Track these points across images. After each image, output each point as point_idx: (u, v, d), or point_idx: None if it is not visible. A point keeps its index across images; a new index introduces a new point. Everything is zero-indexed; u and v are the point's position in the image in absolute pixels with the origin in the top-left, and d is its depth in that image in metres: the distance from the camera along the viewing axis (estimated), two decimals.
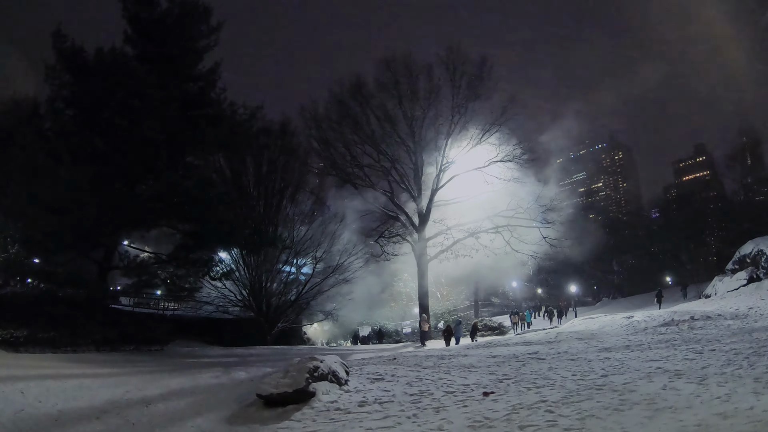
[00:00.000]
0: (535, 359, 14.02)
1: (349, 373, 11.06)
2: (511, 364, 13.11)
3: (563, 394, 8.46)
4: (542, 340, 20.48)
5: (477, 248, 28.56)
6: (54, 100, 17.23)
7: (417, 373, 12.07)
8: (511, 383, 10.02)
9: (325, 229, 27.08)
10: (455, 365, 13.56)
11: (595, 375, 10.39)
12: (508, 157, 27.57)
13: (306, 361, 9.76)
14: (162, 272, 19.57)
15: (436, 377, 11.32)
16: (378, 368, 12.97)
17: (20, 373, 11.11)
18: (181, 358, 16.76)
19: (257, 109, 21.94)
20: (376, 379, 11.37)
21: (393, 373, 12.04)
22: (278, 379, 9.13)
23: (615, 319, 23.78)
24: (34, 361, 13.23)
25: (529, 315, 41.08)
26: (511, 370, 11.90)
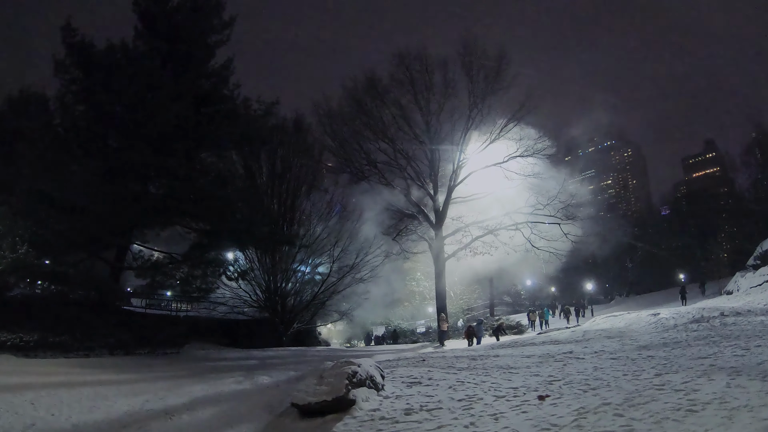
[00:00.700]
0: (574, 359, 13.05)
1: (384, 377, 10.05)
2: (551, 365, 12.14)
3: (624, 396, 7.66)
4: (570, 339, 19.47)
5: (496, 245, 27.47)
6: (64, 95, 16.36)
7: (455, 375, 11.08)
8: (562, 385, 9.11)
9: (342, 228, 26.07)
10: (491, 366, 12.56)
11: (647, 374, 9.52)
12: (529, 152, 26.46)
13: (342, 366, 8.76)
14: (177, 273, 18.61)
15: (478, 380, 10.33)
16: (410, 371, 11.95)
17: (31, 380, 10.21)
18: (199, 362, 15.79)
19: (272, 105, 21.04)
20: (413, 383, 10.36)
21: (429, 376, 11.02)
22: (313, 386, 8.14)
23: (640, 316, 22.77)
24: (45, 367, 12.33)
25: (547, 313, 40.06)
26: (554, 371, 10.95)
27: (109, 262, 19.02)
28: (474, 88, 26.83)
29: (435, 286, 29.62)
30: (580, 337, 19.77)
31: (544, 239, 26.40)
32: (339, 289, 27.77)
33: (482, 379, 10.32)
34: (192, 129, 17.39)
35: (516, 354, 15.55)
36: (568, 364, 11.93)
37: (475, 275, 36.79)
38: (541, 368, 11.56)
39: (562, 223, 26.28)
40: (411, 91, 28.14)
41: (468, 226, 28.09)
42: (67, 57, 17.39)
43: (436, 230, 28.14)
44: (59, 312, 16.02)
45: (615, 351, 14.05)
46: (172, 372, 12.77)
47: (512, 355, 15.17)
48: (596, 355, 13.57)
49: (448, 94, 27.64)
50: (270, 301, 26.21)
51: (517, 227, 26.97)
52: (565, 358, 13.31)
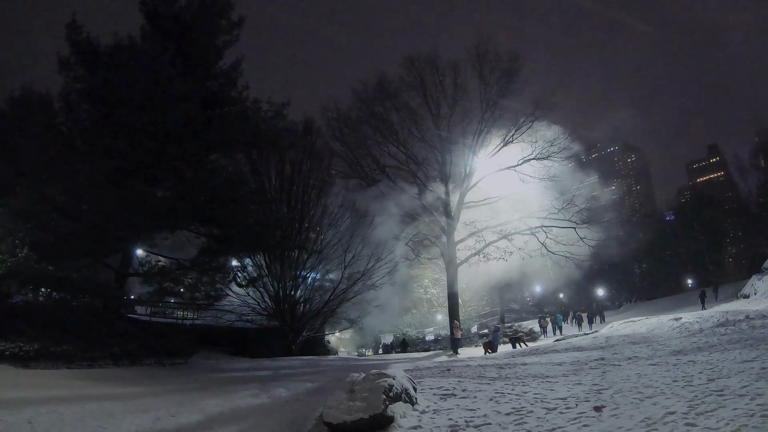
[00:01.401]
0: (610, 366, 12.06)
1: (416, 389, 9.04)
2: (589, 372, 11.16)
3: (687, 404, 6.99)
4: (594, 345, 18.54)
5: (511, 250, 26.46)
6: (68, 93, 15.48)
7: (489, 386, 10.08)
8: (613, 394, 8.24)
9: (354, 233, 25.10)
10: (525, 375, 11.58)
11: (699, 380, 8.81)
12: (544, 154, 25.51)
13: (375, 378, 7.76)
14: (185, 279, 17.61)
15: (518, 390, 9.32)
16: (439, 381, 10.92)
17: (29, 394, 9.22)
18: (209, 373, 14.76)
19: (283, 106, 20.13)
20: (446, 395, 9.34)
21: (462, 387, 9.99)
22: (345, 401, 7.14)
23: (662, 321, 21.81)
24: (46, 379, 11.33)
25: (560, 319, 38.98)
26: (596, 379, 10.01)
27: (113, 268, 18.05)
28: (487, 90, 26.03)
29: (447, 292, 28.60)
30: (603, 343, 18.94)
31: (561, 243, 25.37)
32: (349, 297, 26.73)
33: (522, 390, 9.34)
34: (201, 129, 16.50)
35: (544, 362, 14.60)
36: (608, 372, 11.09)
37: (484, 283, 35.63)
38: (579, 376, 10.66)
39: (578, 227, 25.29)
40: (422, 95, 27.39)
41: (481, 231, 27.11)
42: (72, 55, 16.56)
43: (448, 235, 27.18)
44: (61, 320, 15.05)
45: (650, 357, 13.30)
46: (181, 384, 11.75)
47: (541, 363, 14.23)
48: (631, 361, 12.77)
49: (460, 97, 26.84)
50: (279, 309, 25.18)
51: (531, 231, 25.98)
52: (600, 365, 12.46)
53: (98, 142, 14.14)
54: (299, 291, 25.88)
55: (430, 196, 27.16)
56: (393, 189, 27.37)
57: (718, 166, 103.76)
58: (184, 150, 14.78)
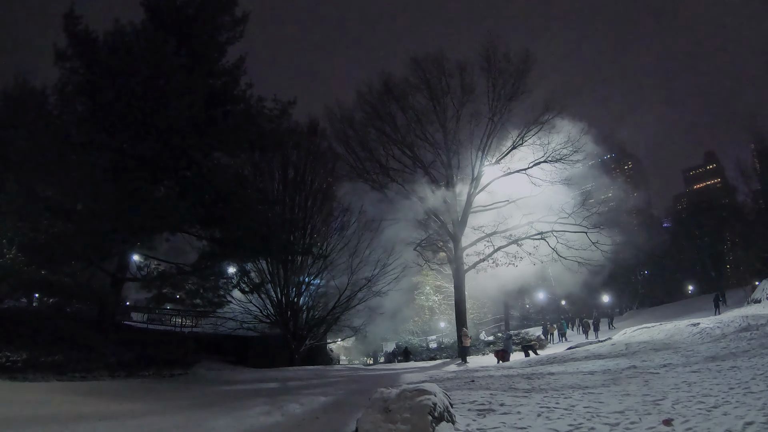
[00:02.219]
0: (649, 374, 11.11)
1: (452, 405, 7.96)
2: (629, 382, 10.24)
3: (761, 413, 6.48)
4: (615, 353, 17.70)
5: (521, 255, 25.45)
6: (64, 85, 14.34)
7: (527, 399, 9.05)
8: (673, 405, 7.54)
9: (360, 238, 24.00)
10: (560, 386, 10.61)
11: (757, 386, 8.33)
12: (555, 157, 24.56)
13: (415, 395, 6.65)
14: (186, 284, 16.37)
15: (563, 404, 8.32)
16: (468, 395, 9.82)
17: (14, 412, 8.07)
18: (212, 385, 13.52)
19: (289, 105, 19.08)
20: (484, 411, 8.27)
21: (498, 401, 8.92)
22: (383, 424, 6.06)
23: (679, 327, 20.93)
24: (34, 393, 10.13)
25: (565, 325, 38.10)
26: (641, 389, 9.18)
27: (109, 273, 16.82)
28: (496, 91, 25.10)
29: (454, 299, 27.52)
30: (624, 351, 17.93)
31: (573, 249, 24.38)
32: (354, 304, 25.57)
33: (568, 403, 8.33)
34: (204, 125, 15.42)
35: (571, 371, 13.62)
36: (650, 381, 10.20)
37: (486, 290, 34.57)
38: (622, 386, 9.77)
39: (589, 232, 24.34)
40: (428, 96, 26.46)
41: (490, 235, 26.08)
42: (70, 47, 15.45)
43: (455, 240, 26.15)
44: (53, 327, 13.86)
45: (685, 364, 12.58)
46: (184, 399, 10.56)
47: (568, 372, 13.27)
48: (668, 369, 11.88)
49: (468, 99, 25.90)
50: (282, 317, 23.95)
51: (542, 236, 24.97)
52: (637, 373, 11.61)
53: (95, 136, 13.01)
54: (303, 298, 24.69)
55: (436, 200, 26.12)
56: (399, 193, 26.35)
57: (714, 173, 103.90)
58: (186, 146, 13.66)
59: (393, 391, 7.71)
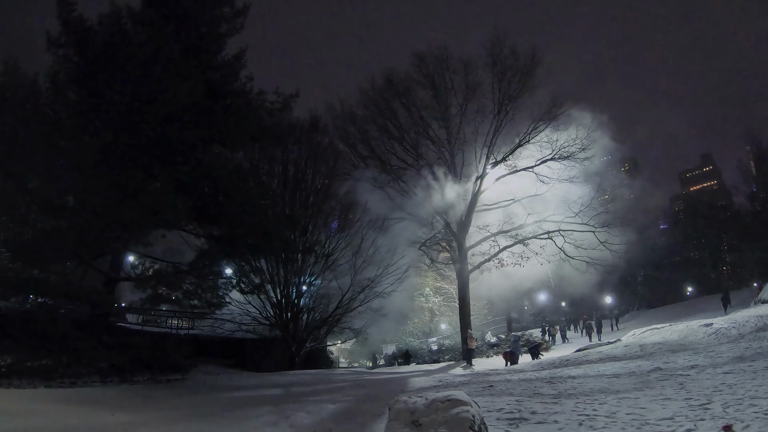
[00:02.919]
0: (677, 376, 10.40)
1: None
2: (663, 385, 9.48)
3: None
4: (631, 355, 17.09)
5: (528, 255, 24.67)
6: (57, 72, 13.37)
7: (558, 406, 8.33)
8: (725, 409, 6.80)
9: (364, 236, 23.12)
10: (589, 391, 9.89)
11: None
12: (563, 155, 23.79)
13: (448, 406, 5.79)
14: (183, 284, 15.40)
15: (601, 410, 7.58)
16: (493, 402, 8.98)
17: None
18: (211, 392, 12.58)
19: (291, 98, 18.14)
20: (515, 420, 7.49)
21: (528, 408, 8.11)
22: None
23: (692, 327, 20.31)
24: (18, 402, 9.18)
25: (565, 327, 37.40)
26: (680, 393, 8.39)
27: (102, 271, 15.83)
28: (502, 88, 24.36)
29: (458, 300, 26.69)
30: (639, 352, 17.20)
31: (581, 248, 23.61)
32: (355, 305, 24.66)
33: (607, 410, 7.57)
34: (203, 116, 14.52)
35: (592, 373, 12.88)
36: (686, 383, 9.46)
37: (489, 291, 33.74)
38: (657, 390, 8.91)
39: (596, 231, 23.61)
40: (431, 93, 25.70)
41: (495, 235, 25.28)
42: (63, 34, 14.49)
43: (460, 240, 25.33)
44: (41, 329, 12.84)
45: (713, 365, 11.72)
46: (182, 408, 9.62)
47: (590, 375, 12.55)
48: (698, 370, 11.16)
49: (472, 96, 25.16)
50: (281, 318, 23.00)
51: (549, 236, 24.20)
52: (667, 376, 10.80)
53: (88, 124, 12.07)
54: (304, 299, 23.76)
55: (440, 198, 25.31)
56: (401, 191, 25.52)
57: (710, 175, 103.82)
58: (184, 137, 12.73)
59: (419, 401, 6.83)
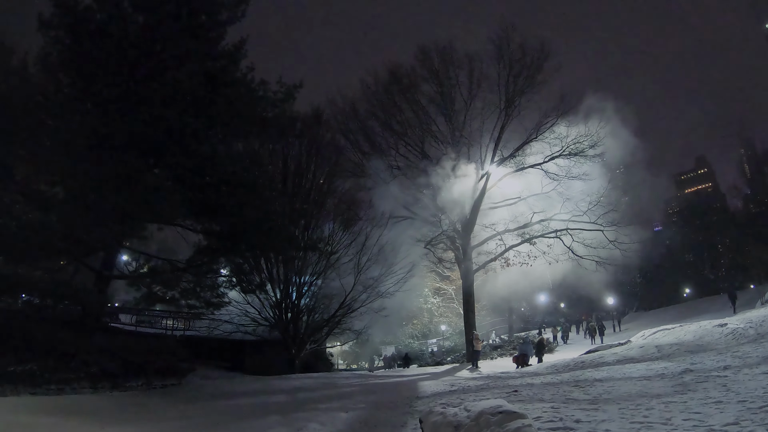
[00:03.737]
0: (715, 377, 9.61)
1: None
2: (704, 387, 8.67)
3: None
4: (650, 356, 16.34)
5: (536, 255, 23.80)
6: (48, 55, 12.30)
7: (599, 411, 7.65)
8: None
9: (369, 234, 22.15)
10: (625, 395, 9.17)
11: None
12: (572, 151, 22.93)
13: (503, 420, 4.98)
14: (180, 283, 14.32)
15: (654, 416, 6.70)
16: (526, 409, 8.01)
17: None
18: (211, 399, 11.54)
19: (294, 88, 17.17)
20: (561, 429, 6.69)
21: (571, 416, 7.23)
22: None
23: (705, 328, 19.46)
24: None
25: (561, 329, 36.67)
26: (728, 395, 7.63)
27: (94, 269, 14.73)
28: (509, 83, 23.47)
29: (462, 300, 25.81)
30: (657, 353, 16.38)
31: (591, 247, 22.80)
32: (356, 306, 23.69)
33: (660, 415, 6.85)
34: (204, 106, 13.51)
35: (618, 376, 12.10)
36: (730, 385, 8.51)
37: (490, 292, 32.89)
38: (701, 392, 8.13)
39: (606, 230, 22.81)
40: (436, 89, 24.80)
41: (501, 234, 24.38)
42: (56, 16, 13.41)
43: (464, 239, 24.41)
44: (27, 331, 11.75)
45: (747, 365, 10.94)
46: (181, 419, 8.61)
47: (617, 378, 11.79)
48: (734, 371, 10.36)
49: (478, 91, 24.27)
50: (281, 319, 21.98)
51: (557, 234, 23.37)
52: (703, 377, 9.94)
53: (80, 107, 11.02)
54: (304, 299, 22.74)
55: (444, 196, 24.39)
56: (405, 189, 24.57)
57: (705, 178, 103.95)
58: (184, 122, 11.70)
59: (459, 412, 5.93)
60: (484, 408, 5.37)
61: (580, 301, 47.50)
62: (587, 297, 47.24)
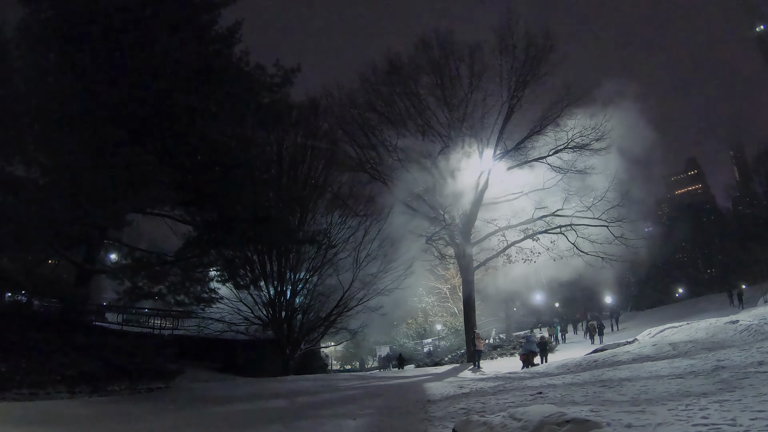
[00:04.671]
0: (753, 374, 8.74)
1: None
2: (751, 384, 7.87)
3: None
4: (666, 354, 15.70)
5: (539, 251, 22.90)
6: (29, 26, 11.01)
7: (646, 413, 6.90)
8: None
9: (368, 228, 21.08)
10: (665, 395, 8.45)
11: None
12: (577, 144, 22.06)
13: (574, 430, 3.92)
14: (167, 277, 13.08)
15: (715, 417, 5.91)
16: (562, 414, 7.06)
17: None
18: (202, 405, 10.33)
19: (292, 72, 16.05)
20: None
21: (618, 420, 6.39)
22: None
23: (717, 325, 18.93)
24: None
25: (557, 328, 35.92)
26: None
27: (75, 262, 13.46)
28: (512, 74, 22.54)
29: (462, 299, 24.78)
30: (673, 351, 15.66)
31: (597, 243, 21.97)
32: (354, 304, 22.62)
33: (721, 416, 5.81)
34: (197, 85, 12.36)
35: (644, 375, 11.35)
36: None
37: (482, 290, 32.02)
38: (749, 390, 7.37)
39: (610, 226, 22.04)
40: (436, 81, 23.80)
41: (502, 230, 23.44)
42: None
43: (464, 235, 23.42)
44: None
45: None
46: (170, 430, 7.42)
47: (644, 377, 11.03)
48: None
49: (479, 84, 23.29)
50: (275, 318, 20.79)
51: (561, 230, 22.51)
52: (740, 374, 8.97)
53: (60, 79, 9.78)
54: (299, 297, 21.58)
55: (444, 191, 23.41)
56: (405, 183, 23.54)
57: (696, 179, 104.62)
58: (173, 96, 10.50)
59: (510, 423, 4.94)
60: (543, 416, 4.40)
61: (575, 300, 47.04)
62: (582, 296, 46.90)
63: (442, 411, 8.57)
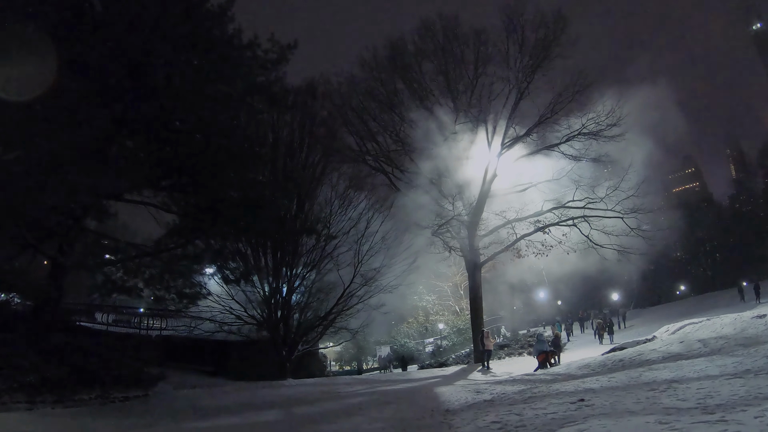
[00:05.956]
0: None
1: None
2: None
3: None
4: (697, 352, 14.19)
5: (551, 244, 21.37)
6: None
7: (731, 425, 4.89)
8: None
9: (370, 220, 19.53)
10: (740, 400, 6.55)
11: None
12: (590, 130, 20.58)
13: None
14: (147, 270, 11.45)
15: None
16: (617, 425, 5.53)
17: None
18: (186, 419, 8.68)
19: (288, 48, 14.50)
20: None
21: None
22: None
23: (743, 320, 17.42)
24: None
25: (559, 327, 34.42)
26: None
27: (48, 255, 11.81)
28: (521, 59, 21.08)
29: (469, 296, 23.28)
30: (704, 348, 14.47)
31: (612, 235, 20.49)
32: (354, 302, 21.08)
33: None
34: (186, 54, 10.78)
35: (691, 375, 9.59)
36: None
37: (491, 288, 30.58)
38: None
39: (625, 217, 20.57)
40: (440, 66, 22.34)
41: (511, 222, 21.91)
42: None
43: (471, 229, 21.90)
44: None
45: None
46: None
47: (691, 378, 9.37)
48: None
49: (486, 69, 21.85)
50: (270, 317, 19.17)
51: (573, 222, 21.02)
52: None
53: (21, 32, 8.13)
54: (296, 295, 19.98)
55: (450, 182, 21.91)
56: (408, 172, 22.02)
57: (692, 177, 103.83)
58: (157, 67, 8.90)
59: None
60: None
61: (579, 298, 45.67)
62: (586, 294, 45.54)
63: (470, 425, 7.00)
